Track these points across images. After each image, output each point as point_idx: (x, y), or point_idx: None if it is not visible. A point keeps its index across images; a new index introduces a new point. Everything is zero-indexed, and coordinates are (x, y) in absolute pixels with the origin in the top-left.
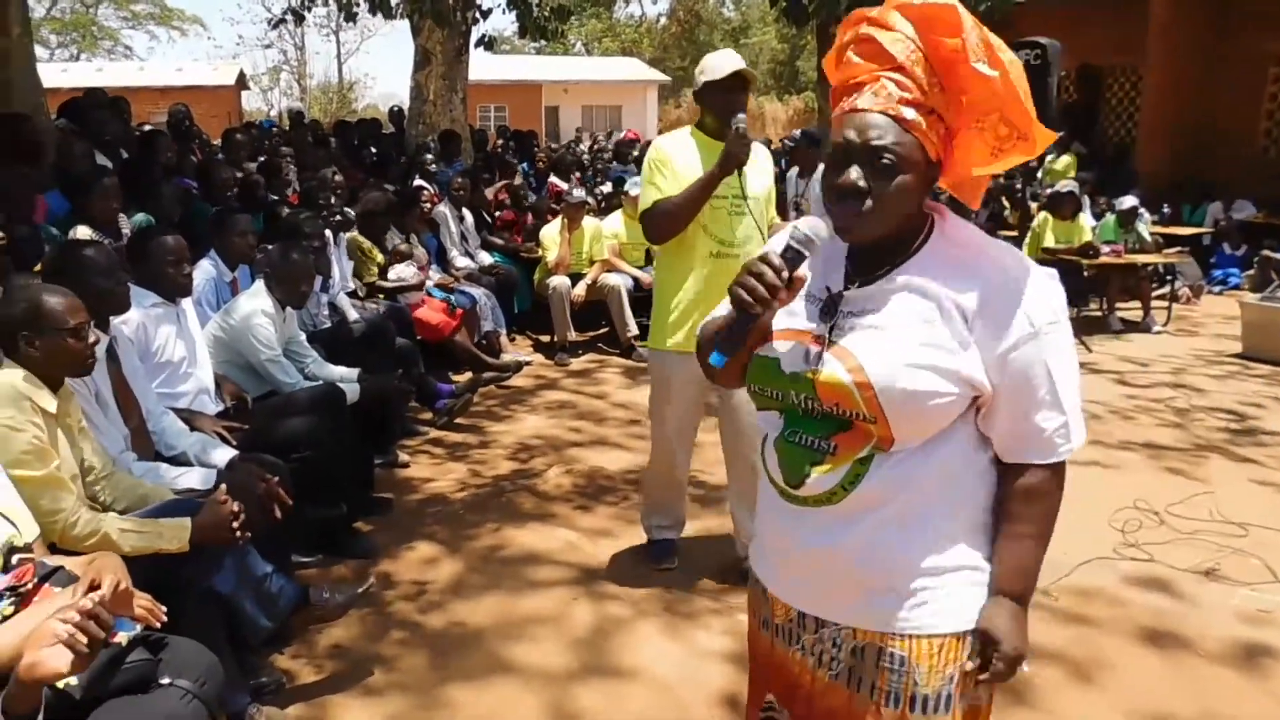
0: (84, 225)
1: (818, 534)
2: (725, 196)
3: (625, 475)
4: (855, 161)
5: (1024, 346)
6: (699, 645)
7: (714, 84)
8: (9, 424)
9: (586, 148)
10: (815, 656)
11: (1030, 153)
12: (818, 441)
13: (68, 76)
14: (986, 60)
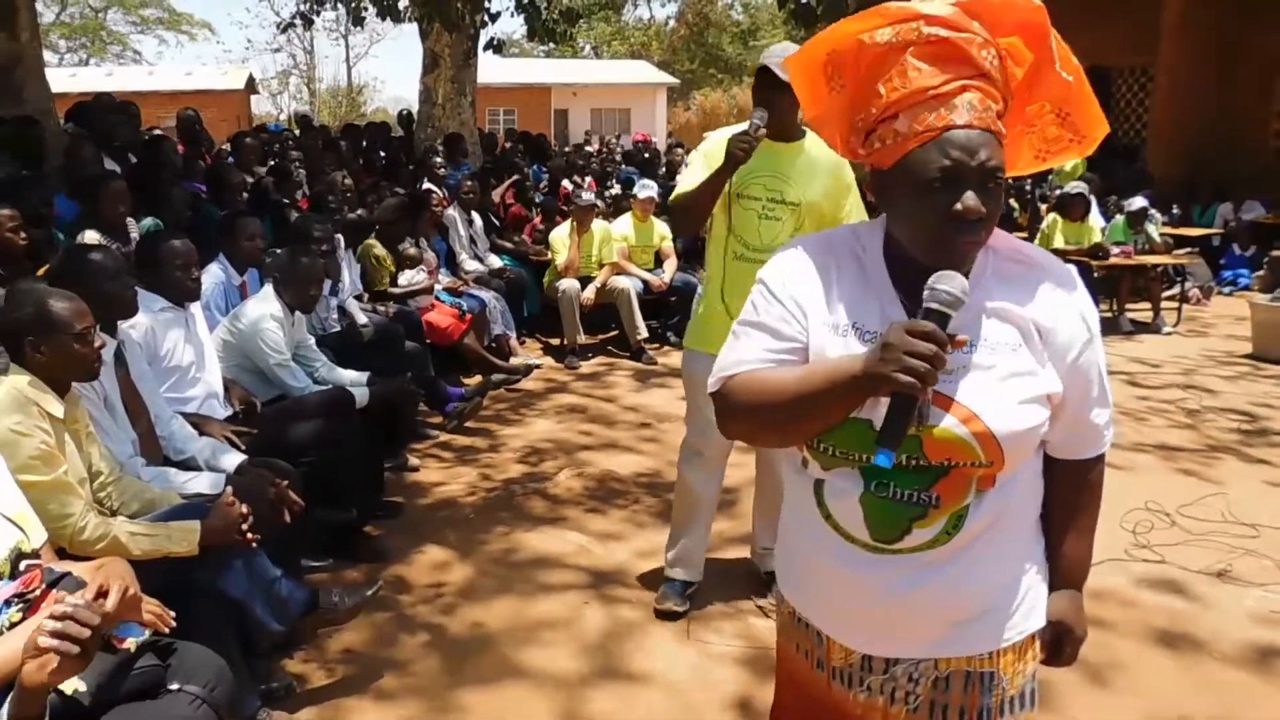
0: (92, 229)
1: (907, 579)
2: (758, 198)
3: (636, 478)
4: (969, 186)
5: (1086, 351)
6: (711, 649)
7: (754, 80)
8: (16, 429)
9: (595, 150)
10: (887, 695)
11: (1084, 153)
12: (917, 495)
13: (76, 81)
14: (1068, 66)
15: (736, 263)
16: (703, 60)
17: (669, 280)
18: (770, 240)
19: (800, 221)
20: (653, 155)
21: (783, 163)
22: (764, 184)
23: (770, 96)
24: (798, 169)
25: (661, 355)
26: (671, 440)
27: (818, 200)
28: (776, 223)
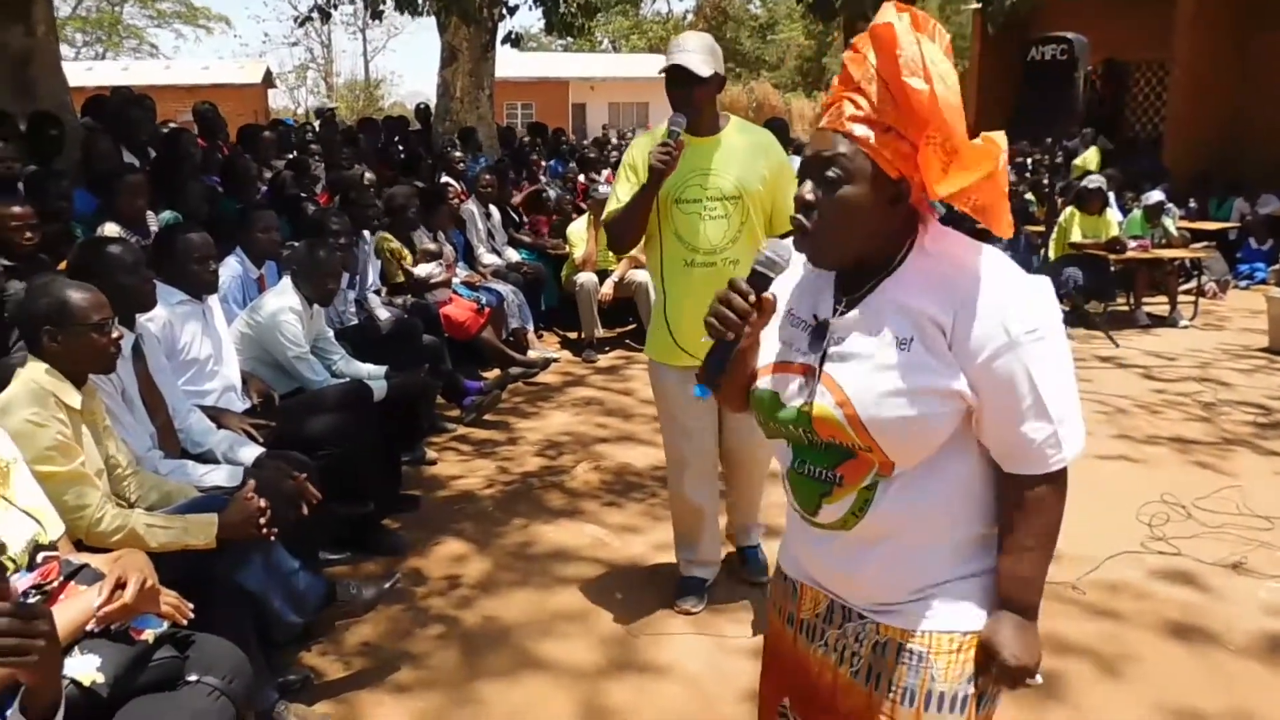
0: (111, 223)
1: (838, 559)
2: (697, 200)
3: (653, 472)
4: (809, 176)
5: (1003, 356)
6: (727, 641)
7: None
8: (33, 420)
9: (613, 144)
10: (838, 653)
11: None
12: (824, 472)
13: (93, 75)
14: (921, 74)
15: (689, 269)
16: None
17: None
18: (719, 240)
19: (745, 213)
20: None
21: (709, 158)
22: (698, 184)
23: (687, 94)
24: (726, 161)
25: None
26: None
27: (756, 188)
28: (723, 220)
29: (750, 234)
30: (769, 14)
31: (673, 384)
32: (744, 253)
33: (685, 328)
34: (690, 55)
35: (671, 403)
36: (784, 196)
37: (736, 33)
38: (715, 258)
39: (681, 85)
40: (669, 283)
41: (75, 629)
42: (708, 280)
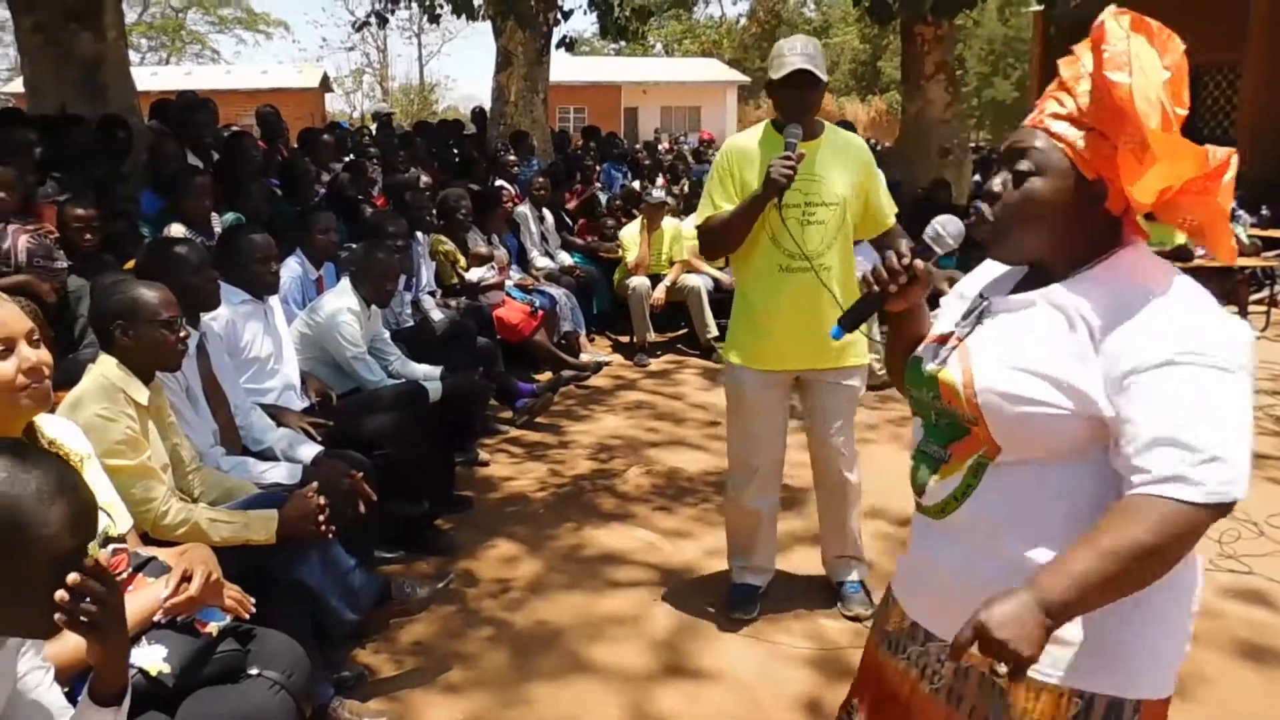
0: (177, 223)
1: (931, 546)
2: (796, 205)
3: (705, 477)
4: (1002, 168)
5: (1151, 373)
6: (781, 649)
7: (774, 83)
8: (104, 414)
9: (666, 148)
10: (919, 668)
11: (1163, 169)
12: (939, 450)
13: (157, 80)
14: (1126, 69)
15: (783, 274)
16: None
17: None
18: (817, 245)
19: (843, 219)
20: None
21: (811, 163)
22: (799, 189)
23: (803, 98)
24: (827, 166)
25: None
26: None
27: (851, 193)
28: (821, 226)
29: (844, 240)
30: (823, 17)
31: (750, 388)
32: (837, 259)
33: (774, 333)
34: (810, 59)
35: (745, 407)
36: (874, 201)
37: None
38: (809, 263)
39: (801, 89)
40: (760, 287)
41: (143, 619)
42: (801, 286)
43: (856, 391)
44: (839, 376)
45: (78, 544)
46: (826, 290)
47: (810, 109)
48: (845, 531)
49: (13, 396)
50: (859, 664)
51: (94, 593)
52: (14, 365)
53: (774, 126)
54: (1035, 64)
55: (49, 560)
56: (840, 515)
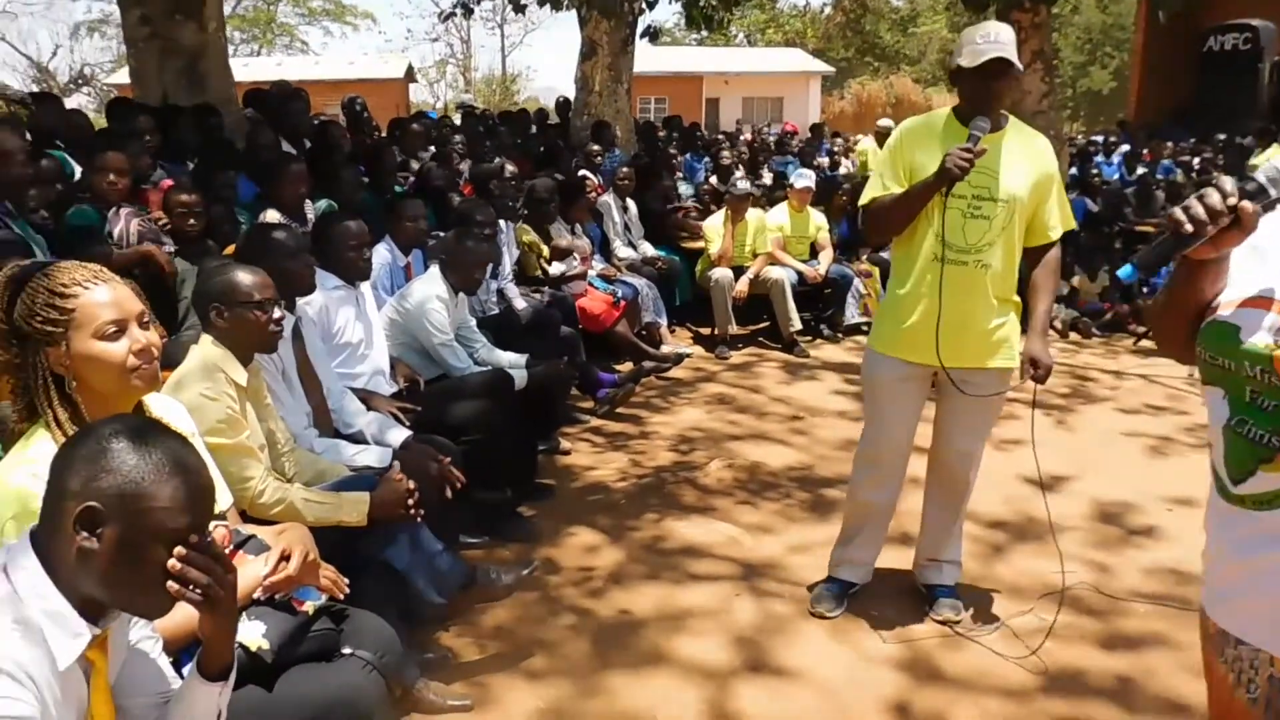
0: (273, 209)
1: (1249, 542)
2: (964, 196)
3: (788, 472)
4: None
5: None
6: (866, 650)
7: (964, 71)
8: (206, 394)
9: (749, 139)
10: (1235, 673)
11: None
12: (1267, 436)
13: (249, 71)
14: None
15: (937, 264)
16: (859, 48)
17: (824, 272)
18: (977, 240)
19: (1010, 218)
20: (809, 144)
21: (990, 155)
22: (970, 180)
23: (996, 89)
24: (1004, 161)
25: (814, 348)
26: (821, 434)
27: (1024, 194)
28: (984, 221)
29: (1008, 240)
30: (911, 6)
31: (889, 377)
32: (997, 257)
33: (921, 323)
34: (1007, 47)
35: (881, 396)
36: (1046, 207)
37: (876, 25)
38: (967, 257)
39: (993, 78)
40: (913, 275)
41: (244, 596)
42: (953, 279)
43: (1001, 396)
44: (985, 378)
45: (196, 523)
46: (982, 287)
47: (1002, 100)
48: (949, 535)
49: (125, 377)
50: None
51: (209, 567)
52: (125, 346)
53: (956, 115)
54: (1138, 52)
55: (168, 538)
56: (949, 519)
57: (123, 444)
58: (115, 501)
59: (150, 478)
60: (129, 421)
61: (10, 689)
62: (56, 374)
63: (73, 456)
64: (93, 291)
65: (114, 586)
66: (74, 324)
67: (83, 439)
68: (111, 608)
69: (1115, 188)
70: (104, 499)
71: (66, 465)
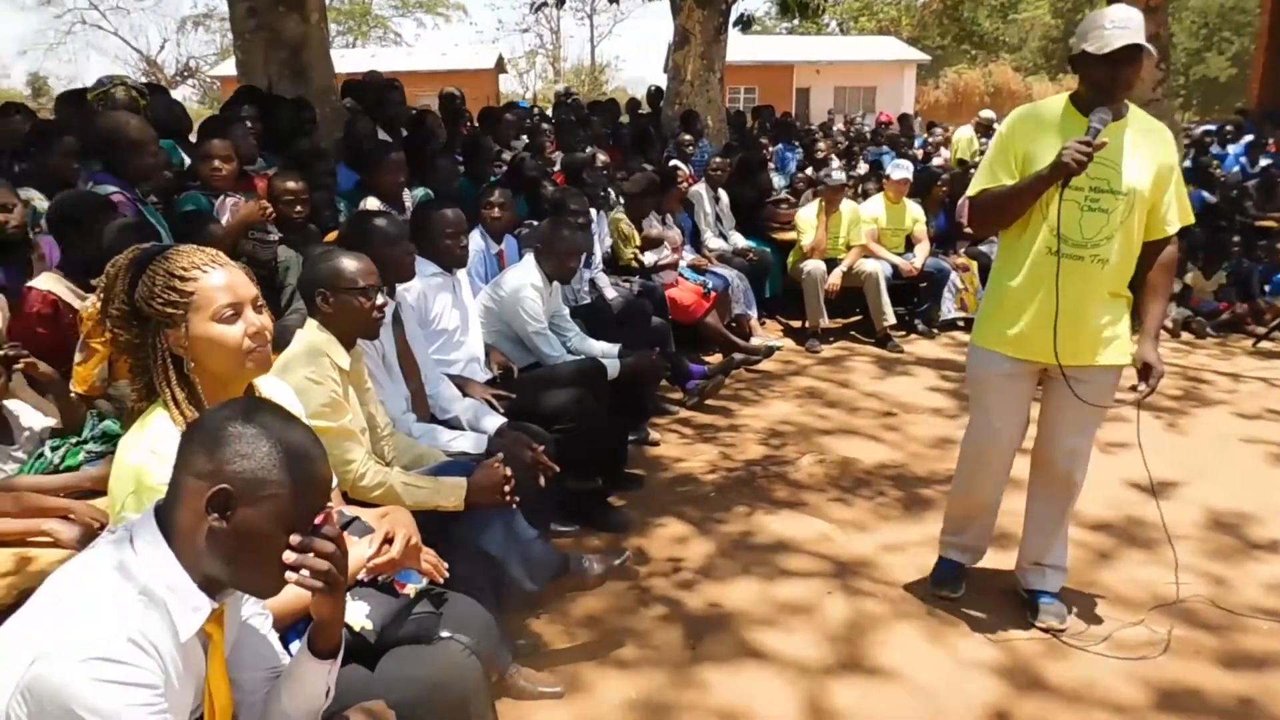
0: (372, 197)
1: None
2: (1081, 188)
3: (881, 470)
4: None
5: None
6: (964, 654)
7: (1090, 58)
8: (311, 378)
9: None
10: None
11: None
12: None
13: (344, 63)
14: None
15: (1051, 258)
16: (955, 36)
17: (920, 265)
18: (1094, 234)
19: (1129, 211)
20: (906, 133)
21: (1110, 146)
22: (1088, 171)
23: (1125, 77)
24: (1125, 152)
25: (908, 343)
26: (915, 432)
27: (1144, 187)
28: (1102, 215)
29: (1127, 234)
30: None
31: (996, 373)
32: (1115, 252)
33: (1031, 319)
34: (1139, 33)
35: (988, 393)
36: (1165, 203)
37: (974, 12)
38: (1084, 251)
39: (1127, 67)
40: (1024, 269)
41: (349, 577)
42: (1069, 273)
43: (1111, 394)
44: (1097, 375)
45: (319, 508)
46: (1097, 283)
47: (1129, 89)
48: (1054, 538)
49: (240, 359)
50: None
51: (332, 555)
52: (241, 329)
53: (1074, 103)
54: (1262, 36)
55: (292, 522)
56: (1054, 521)
57: (255, 430)
58: (247, 485)
59: (282, 464)
60: (258, 406)
61: (137, 657)
62: (175, 355)
63: (204, 438)
64: (211, 275)
65: (236, 565)
66: (193, 306)
67: (214, 421)
68: (230, 585)
69: (1235, 179)
70: (237, 482)
71: (197, 446)
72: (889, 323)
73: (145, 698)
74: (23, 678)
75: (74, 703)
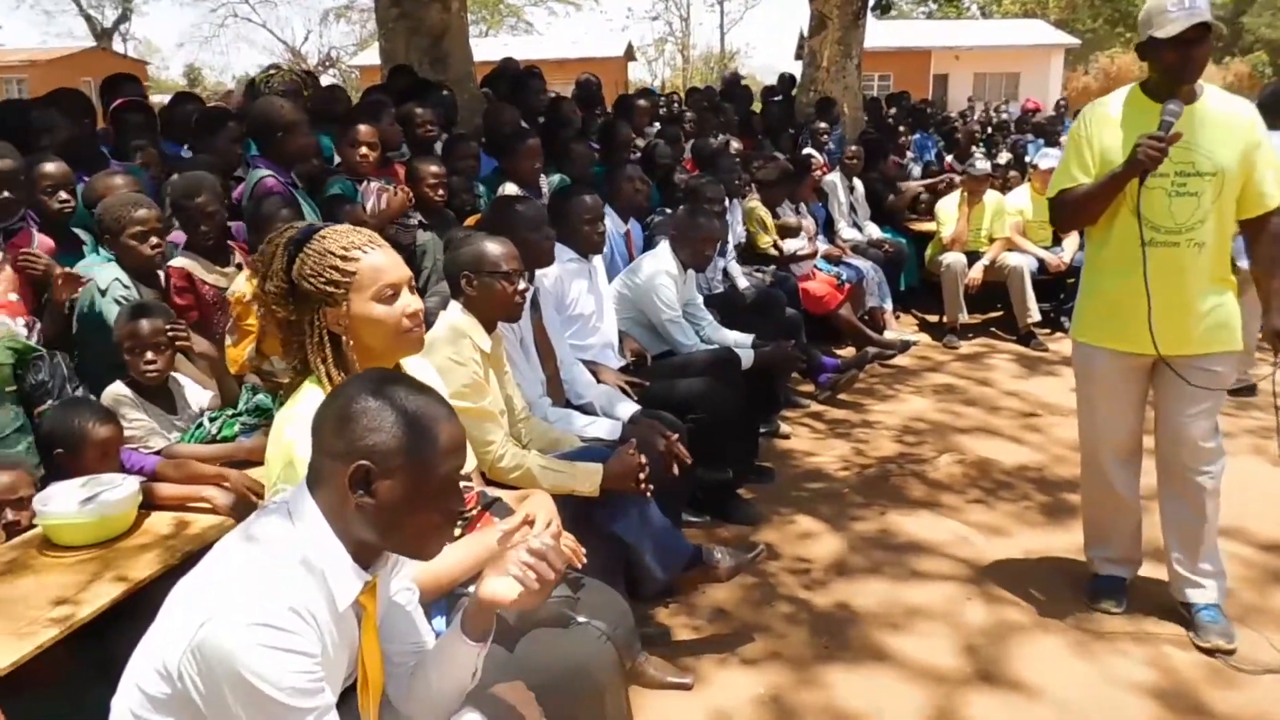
0: (511, 183)
1: None
2: (1164, 174)
3: (1022, 472)
4: None
5: None
6: (1114, 672)
7: (1157, 43)
8: (454, 359)
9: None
10: None
11: None
12: None
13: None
14: None
15: (1144, 248)
16: (1107, 17)
17: (1069, 260)
18: (1186, 219)
19: (1219, 192)
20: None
21: (1188, 128)
22: (1170, 156)
23: (1198, 59)
24: (1206, 133)
25: (1053, 341)
26: (1059, 434)
27: (1232, 165)
28: (1191, 198)
29: (1220, 215)
30: None
31: (1102, 369)
32: (1211, 235)
33: (1132, 311)
34: (1205, 12)
35: (1096, 389)
36: (1259, 177)
37: None
38: (1179, 238)
39: (1199, 48)
40: (1116, 261)
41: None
42: (1166, 261)
43: (1225, 380)
44: (1206, 363)
45: (459, 463)
46: (1197, 268)
47: (1200, 70)
48: (1200, 542)
49: (398, 338)
50: None
51: (555, 564)
52: (400, 309)
53: (1144, 91)
54: None
55: (437, 483)
56: (1192, 524)
57: (378, 402)
58: (383, 458)
59: (411, 430)
60: (376, 377)
61: (298, 626)
62: (333, 333)
63: (333, 419)
64: (371, 256)
65: (392, 533)
66: (355, 286)
67: (338, 399)
68: (385, 551)
69: None
70: (372, 456)
71: (328, 427)
72: (1033, 319)
73: (305, 665)
74: (193, 638)
75: (240, 666)
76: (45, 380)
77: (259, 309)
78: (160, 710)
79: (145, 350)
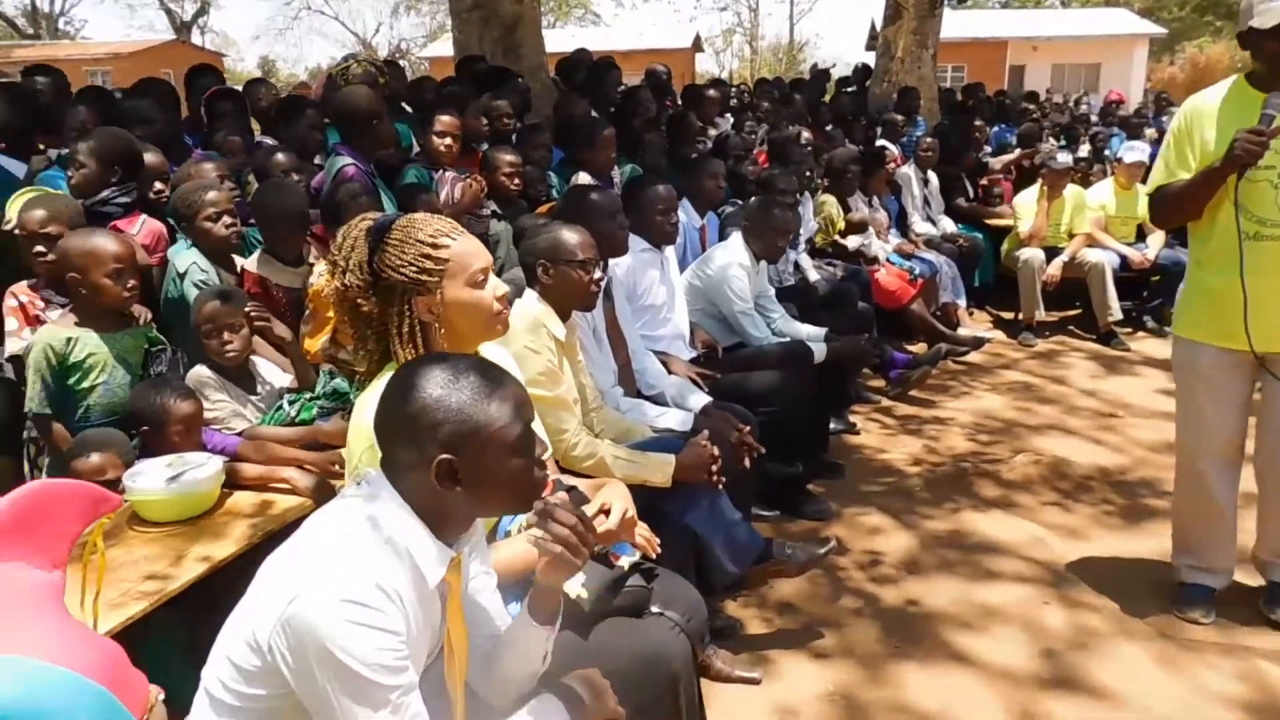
0: (583, 172)
1: None
2: (1271, 166)
3: (1102, 473)
4: None
5: None
6: (1203, 684)
7: (1258, 33)
8: (530, 346)
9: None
10: None
11: None
12: None
13: (546, 43)
14: None
15: (1250, 242)
16: (1196, 5)
17: (1153, 257)
18: None
19: None
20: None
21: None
22: (1275, 147)
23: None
24: None
25: (1134, 341)
26: (1139, 435)
27: None
28: None
29: None
30: None
31: (1205, 366)
32: None
33: (1236, 306)
34: None
35: (1197, 386)
36: None
37: None
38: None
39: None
40: (1219, 256)
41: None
42: (1272, 255)
43: None
44: None
45: (528, 424)
46: None
47: None
48: None
49: (491, 321)
50: None
51: (576, 527)
52: (491, 293)
53: (1249, 82)
54: None
55: (511, 449)
56: None
57: (436, 393)
58: (462, 443)
59: (476, 407)
60: (414, 371)
61: (385, 604)
62: (424, 321)
63: (395, 421)
64: (460, 242)
65: (490, 501)
66: (448, 273)
67: (391, 404)
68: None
69: None
70: (448, 446)
71: (401, 429)
72: (1114, 318)
73: (391, 642)
74: (283, 613)
75: (328, 640)
76: (163, 371)
77: (336, 303)
78: (250, 682)
79: (222, 331)
